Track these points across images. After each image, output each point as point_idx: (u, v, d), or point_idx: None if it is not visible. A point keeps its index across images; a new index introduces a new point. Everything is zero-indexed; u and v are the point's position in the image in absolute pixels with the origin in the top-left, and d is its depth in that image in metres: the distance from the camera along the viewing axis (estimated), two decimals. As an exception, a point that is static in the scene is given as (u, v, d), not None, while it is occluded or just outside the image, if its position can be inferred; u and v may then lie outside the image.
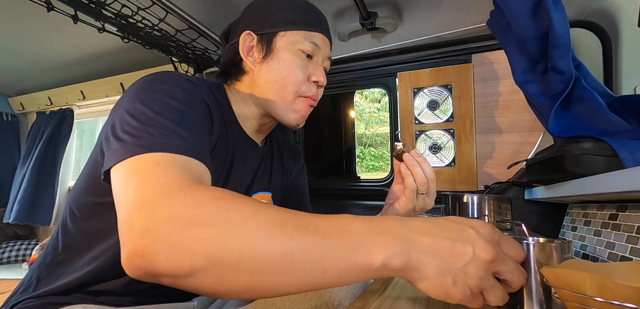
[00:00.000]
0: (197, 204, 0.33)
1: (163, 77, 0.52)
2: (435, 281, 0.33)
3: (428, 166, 0.60)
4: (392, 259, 0.33)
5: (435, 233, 0.35)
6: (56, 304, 0.56)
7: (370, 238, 0.33)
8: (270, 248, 0.31)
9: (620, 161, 0.62)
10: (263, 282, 0.31)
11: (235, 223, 0.32)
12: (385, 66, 1.40)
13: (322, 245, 0.32)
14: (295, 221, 0.33)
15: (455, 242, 0.34)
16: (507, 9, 0.79)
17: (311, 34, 0.66)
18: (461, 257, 0.33)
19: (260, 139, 0.73)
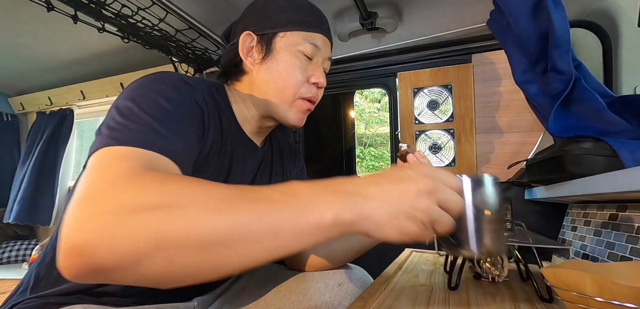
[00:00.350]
0: (139, 190, 0.32)
1: (160, 77, 0.52)
2: (390, 223, 0.35)
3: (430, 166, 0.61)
4: (343, 214, 0.34)
5: (379, 182, 0.37)
6: (56, 304, 0.56)
7: (320, 198, 0.34)
8: (218, 222, 0.31)
9: (620, 161, 0.62)
10: (215, 258, 0.31)
11: (179, 203, 0.31)
12: (385, 66, 1.40)
13: (272, 210, 0.32)
14: (242, 193, 0.33)
15: (399, 183, 0.36)
16: (507, 9, 0.79)
17: (311, 35, 0.65)
18: (407, 195, 0.36)
19: (260, 140, 0.73)
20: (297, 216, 0.33)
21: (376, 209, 0.35)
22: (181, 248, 0.30)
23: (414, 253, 1.02)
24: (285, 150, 0.83)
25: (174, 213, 0.30)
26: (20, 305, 0.58)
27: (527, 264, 0.66)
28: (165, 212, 0.30)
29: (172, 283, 0.32)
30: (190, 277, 0.32)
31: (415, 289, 0.66)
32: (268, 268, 0.81)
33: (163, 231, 0.30)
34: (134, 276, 0.30)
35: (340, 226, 0.34)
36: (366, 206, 0.35)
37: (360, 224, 0.35)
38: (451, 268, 0.68)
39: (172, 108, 0.48)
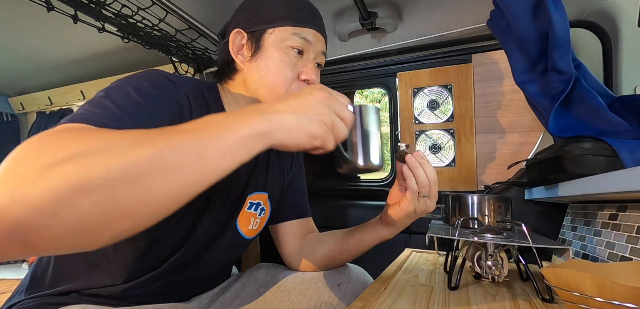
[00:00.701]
0: (57, 144, 0.31)
1: (145, 73, 0.53)
2: (298, 128, 0.41)
3: (430, 168, 0.60)
4: (256, 126, 0.38)
5: (284, 100, 0.44)
6: (54, 304, 0.56)
7: (233, 119, 0.38)
8: (138, 154, 0.31)
9: (620, 161, 0.62)
10: (142, 189, 0.31)
11: (98, 148, 0.31)
12: (385, 66, 1.40)
13: (190, 137, 0.34)
14: (159, 130, 0.35)
15: (300, 98, 0.44)
16: (507, 9, 0.79)
17: (301, 29, 0.64)
18: (308, 104, 0.43)
19: None
20: (216, 136, 0.36)
21: (285, 119, 0.41)
22: (105, 187, 0.29)
23: (413, 253, 1.02)
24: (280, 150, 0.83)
25: (93, 157, 0.30)
26: (18, 306, 0.58)
27: (527, 264, 0.66)
28: (84, 158, 0.30)
29: (105, 228, 0.30)
30: (121, 215, 0.31)
31: (415, 289, 0.66)
32: (268, 268, 0.81)
33: (83, 174, 0.29)
34: (58, 228, 0.28)
35: (257, 137, 0.38)
36: (275, 117, 0.40)
37: (274, 134, 0.40)
38: (451, 268, 0.68)
39: (142, 100, 0.48)
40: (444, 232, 0.72)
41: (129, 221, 0.31)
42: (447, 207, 0.82)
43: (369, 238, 0.69)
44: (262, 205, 0.74)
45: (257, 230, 0.74)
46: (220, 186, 0.64)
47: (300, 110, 0.42)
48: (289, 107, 0.42)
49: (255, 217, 0.73)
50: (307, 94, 0.44)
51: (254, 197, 0.72)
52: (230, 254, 0.73)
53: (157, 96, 0.51)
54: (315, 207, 0.90)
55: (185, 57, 1.39)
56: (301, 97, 0.44)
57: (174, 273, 0.63)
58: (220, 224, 0.66)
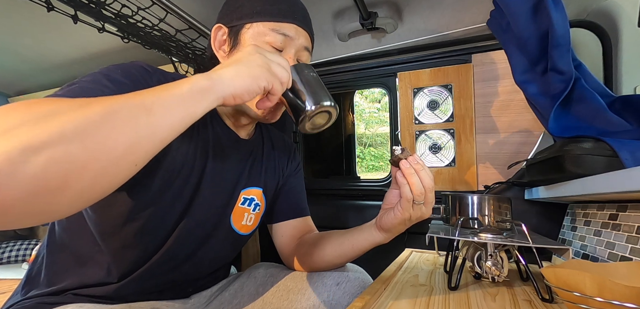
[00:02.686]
0: (10, 112, 0.31)
1: (120, 64, 0.53)
2: (238, 75, 0.45)
3: (426, 174, 0.56)
4: (198, 83, 0.41)
5: (223, 62, 0.49)
6: (50, 303, 0.57)
7: (178, 82, 0.41)
8: (89, 112, 0.33)
9: (620, 161, 0.62)
10: (94, 143, 0.32)
11: (50, 110, 0.32)
12: (385, 66, 1.40)
13: (137, 95, 0.37)
14: (107, 98, 0.36)
15: (233, 57, 0.49)
16: (507, 9, 0.79)
17: (280, 24, 0.62)
18: (243, 57, 0.47)
19: (245, 133, 0.71)
20: (161, 92, 0.38)
21: (224, 73, 0.44)
22: (57, 143, 0.30)
23: (414, 252, 1.02)
24: (278, 144, 0.81)
25: (45, 118, 0.31)
26: (16, 306, 0.58)
27: (527, 264, 0.66)
28: (36, 120, 0.30)
29: (62, 187, 0.31)
30: (77, 171, 0.31)
31: (415, 289, 0.66)
32: (267, 267, 0.80)
33: (35, 133, 0.29)
34: (15, 189, 0.28)
35: (200, 92, 0.41)
36: (216, 74, 0.44)
37: (216, 87, 0.43)
38: (451, 268, 0.68)
39: (110, 85, 0.48)
40: (444, 232, 0.72)
41: (85, 178, 0.32)
42: (447, 207, 0.82)
43: (365, 243, 0.67)
44: (257, 200, 0.73)
45: (251, 226, 0.73)
46: (211, 178, 0.63)
47: (237, 62, 0.46)
48: (227, 64, 0.46)
49: (249, 213, 0.72)
50: (239, 52, 0.50)
51: (248, 193, 0.72)
52: (225, 251, 0.73)
53: (127, 83, 0.50)
54: (315, 207, 0.90)
55: (185, 57, 1.38)
56: (235, 55, 0.49)
57: (169, 272, 0.63)
58: (214, 220, 0.66)
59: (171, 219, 0.60)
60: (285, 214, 0.80)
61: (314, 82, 0.57)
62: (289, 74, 0.51)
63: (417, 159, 0.57)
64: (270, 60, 0.49)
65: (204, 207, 0.63)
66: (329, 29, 1.22)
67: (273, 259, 0.86)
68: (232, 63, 0.46)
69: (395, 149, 0.59)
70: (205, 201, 0.63)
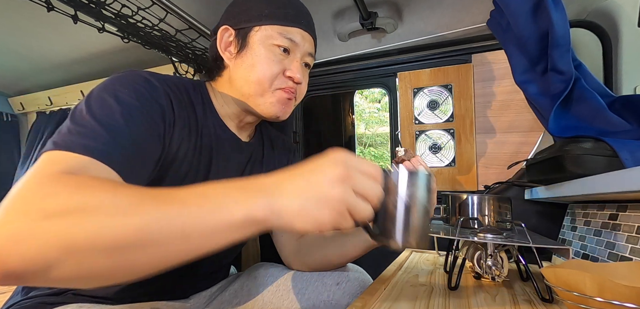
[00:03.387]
0: (50, 196, 0.32)
1: (121, 78, 0.52)
2: (301, 216, 0.35)
3: None
4: (253, 212, 0.34)
5: (290, 175, 0.37)
6: (50, 304, 0.57)
7: (231, 196, 0.34)
8: (126, 225, 0.31)
9: (620, 161, 0.62)
10: (124, 261, 0.32)
11: (88, 208, 0.31)
12: (385, 66, 1.40)
13: (181, 213, 0.33)
14: (154, 195, 0.34)
15: (308, 175, 0.37)
16: (507, 9, 0.79)
17: (287, 29, 0.63)
18: (316, 185, 0.36)
19: (245, 135, 0.72)
20: (208, 216, 0.33)
21: (287, 204, 0.35)
22: (90, 253, 0.30)
23: (413, 252, 1.02)
24: (277, 145, 0.82)
25: (81, 218, 0.31)
26: (16, 306, 0.58)
27: (527, 264, 0.66)
28: (72, 218, 0.31)
29: (87, 285, 0.33)
30: (104, 279, 0.32)
31: (415, 289, 0.66)
32: (267, 267, 0.80)
33: (70, 237, 0.30)
34: (45, 279, 0.31)
35: (253, 223, 0.34)
36: (276, 201, 0.35)
37: (272, 220, 0.35)
38: (451, 268, 0.68)
39: (121, 110, 0.47)
40: (444, 232, 0.72)
41: (106, 281, 0.33)
42: (447, 207, 0.82)
43: (366, 243, 0.68)
44: None
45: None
46: (211, 180, 0.64)
47: (308, 192, 0.35)
48: (295, 187, 0.36)
49: None
50: (319, 171, 0.36)
51: None
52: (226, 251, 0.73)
53: (136, 105, 0.50)
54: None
55: (185, 57, 1.39)
56: (311, 174, 0.37)
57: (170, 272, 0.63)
58: None
59: None
60: None
61: (416, 211, 0.42)
62: (370, 212, 0.38)
63: (420, 160, 0.57)
64: (355, 201, 0.37)
65: None
66: (329, 29, 1.22)
67: (273, 259, 0.86)
68: (301, 190, 0.36)
69: (398, 151, 0.58)
70: None
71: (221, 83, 0.68)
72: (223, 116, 0.68)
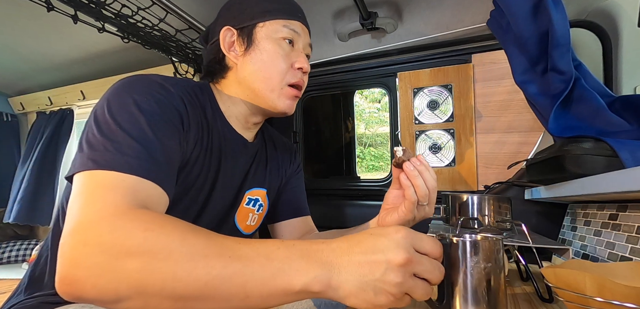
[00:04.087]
0: (125, 235, 0.35)
1: (135, 84, 0.51)
2: (358, 296, 0.35)
3: (430, 175, 0.56)
4: (312, 284, 0.34)
5: (352, 250, 0.36)
6: (53, 303, 0.56)
7: (292, 264, 0.35)
8: (193, 278, 0.33)
9: (620, 161, 0.62)
10: (187, 307, 0.34)
11: (160, 254, 0.34)
12: (385, 66, 1.40)
13: (244, 272, 0.34)
14: (220, 249, 0.35)
15: (369, 255, 0.35)
16: (507, 9, 0.79)
17: (289, 21, 0.66)
18: (376, 268, 0.34)
19: (250, 136, 0.73)
20: (268, 281, 0.34)
21: (345, 284, 0.35)
22: (157, 296, 0.33)
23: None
24: (279, 145, 0.83)
25: (153, 263, 0.33)
26: (18, 305, 0.58)
27: (527, 264, 0.66)
28: (145, 261, 0.33)
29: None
30: None
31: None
32: None
33: (142, 279, 0.33)
34: (114, 308, 0.34)
35: (308, 294, 0.35)
36: (335, 277, 0.35)
37: (329, 294, 0.35)
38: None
39: (151, 120, 0.48)
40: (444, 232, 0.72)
41: None
42: (447, 207, 0.82)
43: None
44: (260, 201, 0.74)
45: (254, 226, 0.74)
46: (221, 183, 0.64)
47: (366, 274, 0.34)
48: (353, 265, 0.35)
49: (253, 214, 0.73)
50: (380, 252, 0.35)
51: (253, 193, 0.73)
52: None
53: (159, 112, 0.50)
54: (315, 207, 0.90)
55: (185, 57, 1.39)
56: (372, 254, 0.35)
57: None
58: (219, 219, 0.67)
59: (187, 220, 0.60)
60: (286, 214, 0.80)
61: (483, 281, 0.40)
62: (428, 292, 0.37)
63: (420, 159, 0.57)
64: (415, 285, 0.35)
65: (214, 210, 0.65)
66: (329, 29, 1.22)
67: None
68: (362, 271, 0.35)
69: (397, 151, 0.58)
70: (216, 204, 0.65)
71: (226, 85, 0.68)
72: (229, 117, 0.68)
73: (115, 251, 0.34)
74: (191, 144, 0.57)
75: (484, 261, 0.41)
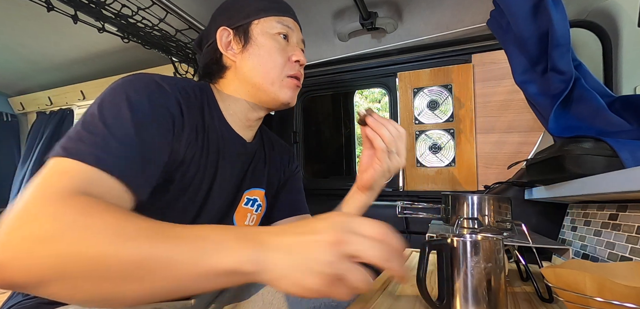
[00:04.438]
0: (51, 219, 0.34)
1: (134, 82, 0.51)
2: (289, 278, 0.33)
3: (392, 124, 0.64)
4: (243, 264, 0.33)
5: (286, 232, 0.36)
6: (51, 304, 0.56)
7: (225, 244, 0.34)
8: (119, 258, 0.32)
9: (620, 161, 0.62)
10: (115, 289, 0.33)
11: (84, 236, 0.33)
12: (385, 66, 1.40)
13: (174, 251, 0.33)
14: (153, 231, 0.34)
15: (302, 235, 0.34)
16: (507, 9, 0.79)
17: (282, 18, 0.69)
18: (307, 247, 0.33)
19: (249, 136, 0.73)
20: (199, 260, 0.33)
21: (277, 263, 0.34)
22: (84, 279, 0.32)
23: (414, 252, 1.02)
24: (277, 146, 0.84)
25: (77, 246, 0.32)
26: (16, 306, 0.57)
27: (527, 264, 0.66)
28: (68, 244, 0.32)
29: (82, 304, 0.35)
30: (92, 301, 0.34)
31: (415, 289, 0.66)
32: None
33: (66, 262, 0.32)
34: (40, 292, 0.33)
35: (240, 274, 0.34)
36: (267, 258, 0.34)
37: (261, 276, 0.34)
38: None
39: (135, 118, 0.47)
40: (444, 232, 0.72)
41: (93, 303, 0.34)
42: (447, 207, 0.82)
43: (350, 209, 0.73)
44: (259, 201, 0.75)
45: (253, 226, 0.75)
46: (220, 183, 0.64)
47: (299, 253, 0.34)
48: (287, 244, 0.34)
49: (252, 214, 0.73)
50: (313, 232, 0.34)
51: (251, 193, 0.73)
52: None
53: (148, 113, 0.50)
54: (315, 207, 0.90)
55: (185, 57, 1.39)
56: (304, 235, 0.35)
57: None
58: (217, 219, 0.67)
59: (183, 222, 0.60)
60: (284, 213, 0.81)
61: (484, 282, 0.41)
62: (368, 282, 0.35)
63: (379, 116, 0.64)
64: (347, 268, 0.33)
65: (213, 210, 0.65)
66: (329, 29, 1.22)
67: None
68: (291, 249, 0.34)
69: (361, 111, 0.64)
70: (214, 204, 0.65)
71: (225, 84, 0.69)
72: (228, 117, 0.69)
73: (40, 235, 0.33)
74: (185, 144, 0.57)
75: (484, 261, 0.41)
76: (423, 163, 1.31)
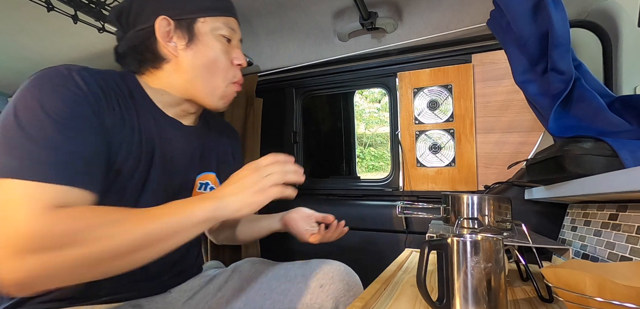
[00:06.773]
0: (54, 238, 0.42)
1: (42, 85, 0.50)
2: (242, 204, 0.53)
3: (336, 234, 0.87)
4: (213, 212, 0.51)
5: (227, 183, 0.55)
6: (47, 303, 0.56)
7: (196, 205, 0.51)
8: (134, 237, 0.46)
9: (620, 161, 0.62)
10: (132, 259, 0.47)
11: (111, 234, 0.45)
12: (385, 66, 1.40)
13: (165, 220, 0.49)
14: (142, 214, 0.48)
15: (237, 181, 0.55)
16: (507, 9, 0.79)
17: (228, 19, 0.68)
18: (243, 184, 0.54)
19: (188, 121, 0.72)
20: (184, 220, 0.50)
21: (232, 201, 0.53)
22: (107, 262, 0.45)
23: (413, 252, 1.02)
24: (223, 130, 0.86)
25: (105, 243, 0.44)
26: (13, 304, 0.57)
27: (527, 264, 0.66)
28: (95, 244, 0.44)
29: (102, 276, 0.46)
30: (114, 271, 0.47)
31: (415, 289, 0.66)
32: (253, 263, 0.81)
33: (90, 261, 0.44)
34: None
35: (212, 219, 0.52)
36: (224, 202, 0.52)
37: (224, 213, 0.52)
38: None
39: (57, 122, 0.47)
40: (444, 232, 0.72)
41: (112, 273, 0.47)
42: (447, 207, 0.82)
43: (267, 230, 0.88)
44: (211, 184, 0.77)
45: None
46: (161, 166, 0.64)
47: (240, 189, 0.53)
48: (231, 190, 0.54)
49: None
50: (241, 178, 0.55)
51: (203, 178, 0.75)
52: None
53: (67, 110, 0.48)
54: (314, 207, 0.90)
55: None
56: (238, 180, 0.55)
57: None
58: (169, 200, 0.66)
59: (122, 204, 0.57)
60: None
61: (482, 281, 0.43)
62: (284, 174, 0.56)
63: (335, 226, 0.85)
64: (268, 179, 0.55)
65: (158, 194, 0.63)
66: (329, 29, 1.22)
67: (274, 257, 0.86)
68: (236, 192, 0.54)
69: None
70: (159, 187, 0.64)
71: (160, 76, 0.65)
72: (161, 105, 0.67)
73: (45, 263, 0.41)
74: (117, 136, 0.56)
75: (484, 261, 0.41)
76: (423, 163, 1.31)
